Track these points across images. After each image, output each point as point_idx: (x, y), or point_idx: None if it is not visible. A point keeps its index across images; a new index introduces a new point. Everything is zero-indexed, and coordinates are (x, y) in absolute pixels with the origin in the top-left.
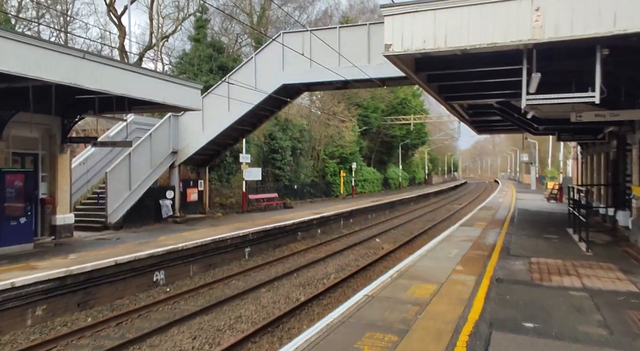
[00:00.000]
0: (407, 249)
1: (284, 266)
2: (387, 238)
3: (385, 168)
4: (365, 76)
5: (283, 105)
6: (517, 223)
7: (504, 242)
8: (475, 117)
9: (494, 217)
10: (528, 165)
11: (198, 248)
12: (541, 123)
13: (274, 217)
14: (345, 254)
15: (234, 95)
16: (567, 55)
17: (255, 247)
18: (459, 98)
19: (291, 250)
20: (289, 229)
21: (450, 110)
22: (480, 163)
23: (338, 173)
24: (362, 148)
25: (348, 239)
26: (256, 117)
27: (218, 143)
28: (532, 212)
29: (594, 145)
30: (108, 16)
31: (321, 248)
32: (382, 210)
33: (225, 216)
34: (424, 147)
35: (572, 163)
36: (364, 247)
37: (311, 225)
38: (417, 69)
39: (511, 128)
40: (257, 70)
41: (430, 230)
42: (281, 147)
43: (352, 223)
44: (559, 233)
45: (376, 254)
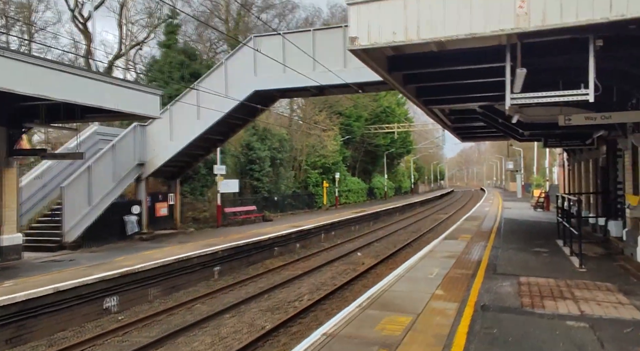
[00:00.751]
0: (389, 264)
1: (256, 286)
2: (369, 251)
3: (370, 178)
4: (340, 81)
5: (257, 113)
6: (504, 235)
7: (490, 258)
8: (458, 124)
9: (479, 228)
10: (514, 173)
11: (159, 268)
12: (527, 128)
13: (250, 231)
14: (324, 271)
15: (203, 103)
16: (556, 50)
17: (227, 265)
18: (439, 102)
19: (266, 267)
20: (264, 244)
21: (431, 115)
22: (466, 172)
23: (321, 184)
24: (346, 157)
25: (328, 254)
26: (228, 126)
27: (188, 154)
28: (519, 222)
29: (582, 151)
30: (73, 23)
31: (299, 264)
32: (366, 221)
33: (198, 231)
34: (410, 155)
35: (559, 170)
36: (343, 262)
37: (289, 239)
38: (390, 68)
39: (496, 134)
40: (228, 76)
41: (414, 242)
42: (259, 158)
43: (333, 236)
44: (548, 246)
45: (356, 270)
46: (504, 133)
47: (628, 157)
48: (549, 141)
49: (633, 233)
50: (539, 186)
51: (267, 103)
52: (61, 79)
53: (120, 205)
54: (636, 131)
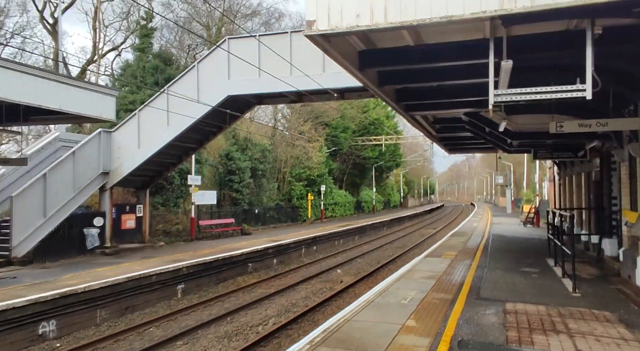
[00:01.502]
0: (369, 282)
1: (222, 306)
2: (351, 268)
3: (358, 191)
4: (318, 86)
5: (232, 120)
6: (491, 253)
7: (474, 279)
8: (443, 133)
9: (465, 245)
10: (503, 188)
11: (108, 288)
12: (515, 137)
13: (224, 246)
14: (298, 289)
15: (174, 108)
16: (547, 45)
17: (193, 283)
18: (421, 108)
19: (238, 284)
20: (237, 260)
21: (414, 124)
22: (457, 186)
23: (305, 197)
24: (333, 170)
25: (307, 270)
26: (202, 133)
27: (158, 162)
28: (507, 239)
29: (573, 164)
30: (42, 24)
31: (273, 281)
32: (351, 235)
33: (169, 245)
34: (399, 169)
35: (549, 185)
36: (321, 280)
37: (266, 254)
38: (363, 65)
39: (484, 146)
40: (200, 79)
41: (399, 258)
42: (239, 168)
43: (315, 251)
44: (538, 266)
45: (332, 289)
46: (492, 143)
47: (625, 170)
48: (539, 153)
49: (631, 253)
50: (528, 201)
51: (242, 109)
52: None
53: (81, 217)
54: (634, 140)
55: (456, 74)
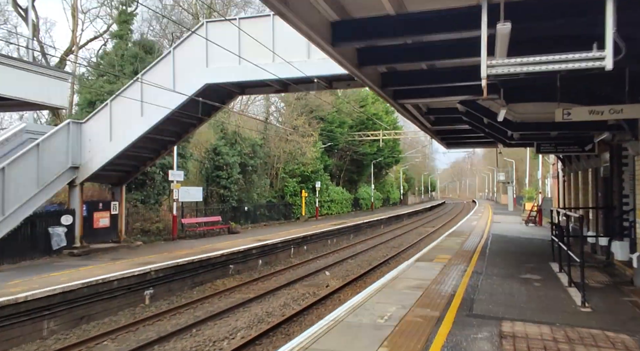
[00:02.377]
0: (357, 286)
1: (192, 314)
2: (340, 270)
3: (356, 188)
4: (301, 74)
5: (213, 111)
6: (489, 256)
7: (468, 289)
8: (439, 126)
9: (462, 247)
10: (505, 185)
11: (59, 296)
12: (516, 129)
13: (205, 246)
14: (279, 295)
15: (148, 98)
16: (552, 12)
17: (163, 288)
18: (410, 95)
19: (216, 288)
20: (216, 262)
21: (406, 115)
22: (459, 184)
23: (299, 194)
24: (328, 166)
25: (293, 272)
26: (180, 125)
27: (134, 156)
28: (508, 239)
29: (579, 159)
30: (15, 10)
31: (255, 285)
32: (346, 234)
33: (147, 245)
34: (399, 165)
35: (552, 182)
36: (306, 284)
37: (249, 255)
38: (335, 38)
39: (483, 141)
40: (176, 67)
41: (393, 259)
42: (227, 163)
43: (305, 251)
44: (541, 271)
45: (315, 295)
46: (492, 137)
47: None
48: (542, 146)
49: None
50: (531, 199)
51: (224, 100)
52: None
53: (47, 215)
54: None
55: (447, 52)
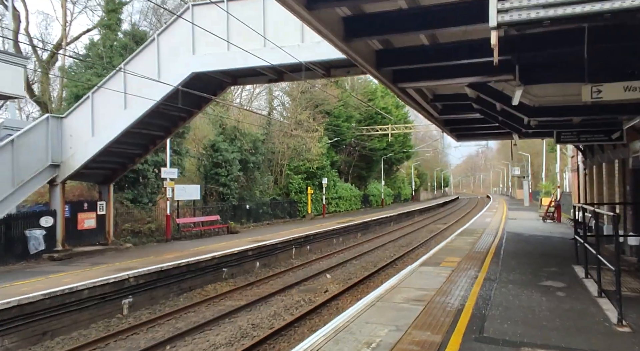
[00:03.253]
0: (358, 292)
1: (173, 325)
2: (343, 272)
3: (365, 185)
4: (294, 60)
5: (204, 103)
6: (504, 258)
7: (479, 302)
8: (447, 114)
9: (473, 248)
10: (520, 180)
11: (15, 309)
12: (534, 114)
13: (199, 248)
14: (271, 302)
15: (132, 90)
16: None
17: (144, 296)
18: (411, 76)
19: (206, 294)
20: (207, 266)
21: (410, 102)
22: (473, 179)
23: (305, 191)
24: (336, 162)
25: (292, 275)
26: (168, 118)
27: (120, 153)
28: (524, 238)
29: (603, 150)
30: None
31: (250, 290)
32: (353, 232)
33: (137, 247)
34: (410, 161)
35: (572, 175)
36: (303, 289)
37: (245, 257)
38: None
39: (497, 132)
40: (161, 55)
41: (400, 260)
42: (226, 160)
43: (308, 252)
44: (563, 276)
45: (311, 303)
46: (506, 126)
47: None
48: (563, 135)
49: None
50: (548, 194)
51: (215, 91)
52: None
53: (24, 216)
54: None
55: (450, 17)
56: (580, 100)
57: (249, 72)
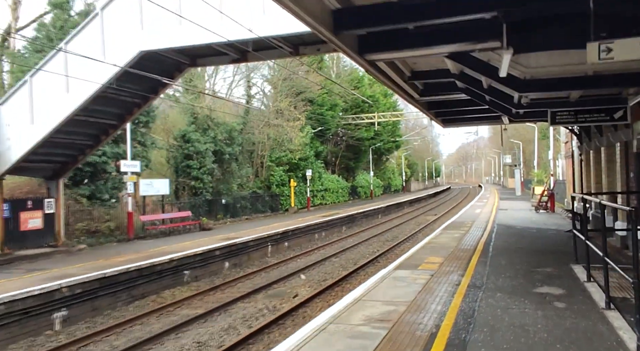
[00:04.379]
0: (330, 297)
1: (109, 345)
2: (319, 272)
3: (353, 176)
4: (254, 35)
5: (161, 88)
6: (493, 256)
7: (458, 320)
8: (429, 96)
9: (459, 244)
10: (512, 168)
11: None
12: (525, 89)
13: (161, 248)
14: (232, 310)
15: (75, 72)
16: None
17: (84, 308)
18: (379, 44)
19: (161, 301)
20: (164, 269)
21: (385, 81)
22: (465, 168)
23: (287, 183)
24: (321, 153)
25: (264, 277)
26: (120, 105)
27: (67, 144)
28: (516, 231)
29: (601, 134)
30: None
31: (211, 295)
32: (337, 226)
33: (93, 248)
34: (400, 151)
35: (566, 162)
36: (270, 294)
37: (212, 257)
38: None
39: (485, 116)
40: (106, 32)
41: (382, 256)
42: (198, 152)
43: (286, 248)
44: (562, 279)
45: (276, 311)
46: (495, 107)
47: None
48: (559, 115)
49: None
50: (540, 182)
51: (171, 73)
52: None
53: None
54: None
55: None
56: (581, 70)
57: (207, 50)
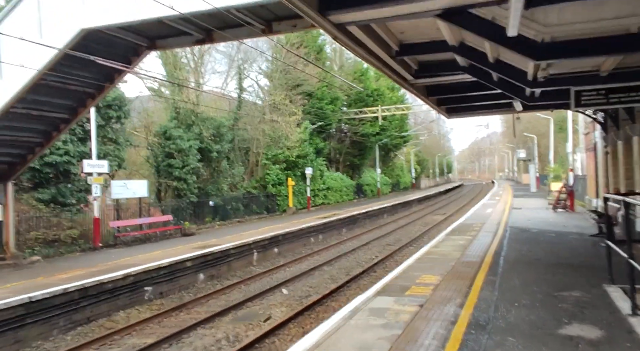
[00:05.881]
0: (310, 319)
1: None
2: (305, 285)
3: (359, 174)
4: (210, 7)
5: (117, 75)
6: (504, 273)
7: None
8: (426, 78)
9: (463, 254)
10: (526, 163)
11: None
12: (543, 55)
13: (123, 259)
14: (187, 339)
15: (8, 56)
16: None
17: (4, 340)
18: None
19: (111, 326)
20: (117, 287)
21: (368, 58)
22: (478, 164)
23: (284, 182)
24: (322, 149)
25: (242, 290)
26: (71, 96)
27: (10, 142)
28: (532, 236)
29: (633, 120)
30: None
31: (173, 318)
32: (336, 228)
33: (51, 260)
34: (410, 146)
35: (586, 156)
36: (239, 317)
37: (181, 270)
38: None
39: (494, 103)
40: (43, 8)
41: (380, 264)
42: (180, 150)
43: (276, 255)
44: (596, 313)
45: (237, 341)
46: (505, 88)
47: None
48: (584, 96)
49: None
50: (557, 178)
51: (127, 57)
52: None
53: None
54: None
55: None
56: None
57: (166, 30)
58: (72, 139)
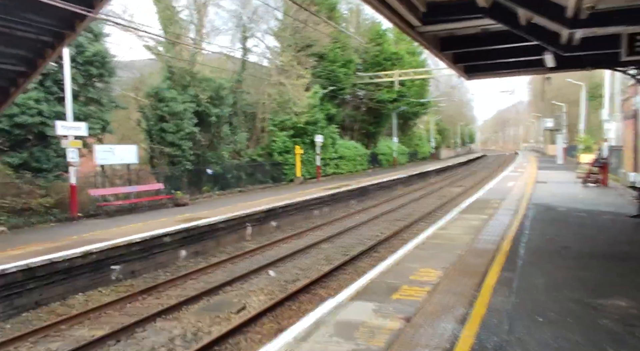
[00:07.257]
0: (291, 310)
1: None
2: (295, 265)
3: (375, 142)
4: None
5: (78, 21)
6: (524, 266)
7: None
8: (437, 23)
9: (475, 240)
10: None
11: None
12: None
13: (93, 233)
14: (142, 334)
15: None
16: None
17: None
18: None
19: (64, 312)
20: (76, 265)
21: None
22: (502, 134)
23: (292, 150)
24: (334, 116)
25: (224, 271)
26: (23, 45)
27: None
28: (559, 215)
29: None
30: None
31: (138, 302)
32: (343, 200)
33: (19, 231)
34: (430, 115)
35: (624, 125)
36: (210, 305)
37: (158, 246)
38: None
39: (521, 60)
40: None
41: (386, 243)
42: (174, 113)
43: (275, 229)
44: None
45: (196, 339)
46: (535, 35)
47: None
48: (637, 45)
49: None
50: (588, 149)
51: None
52: None
53: None
54: None
55: None
56: None
57: None
58: (47, 98)
